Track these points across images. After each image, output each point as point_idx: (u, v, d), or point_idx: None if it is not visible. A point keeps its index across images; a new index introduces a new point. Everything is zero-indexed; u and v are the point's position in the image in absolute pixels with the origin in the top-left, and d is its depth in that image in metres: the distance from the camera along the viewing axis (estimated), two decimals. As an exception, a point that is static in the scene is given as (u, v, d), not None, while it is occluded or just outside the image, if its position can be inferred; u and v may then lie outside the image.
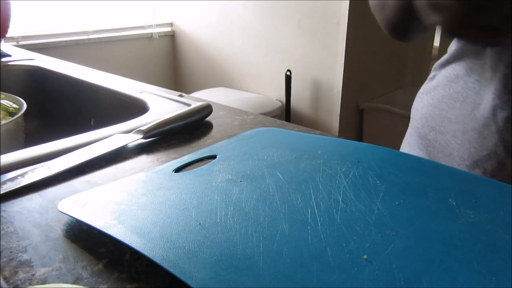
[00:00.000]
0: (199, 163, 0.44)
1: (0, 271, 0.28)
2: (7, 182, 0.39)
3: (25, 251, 0.30)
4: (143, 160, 0.47)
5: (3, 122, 0.58)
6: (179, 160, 0.44)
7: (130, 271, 0.29)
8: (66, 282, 0.27)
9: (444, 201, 0.34)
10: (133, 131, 0.51)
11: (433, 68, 0.59)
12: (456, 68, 0.53)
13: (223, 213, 0.32)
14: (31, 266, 0.29)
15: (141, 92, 0.72)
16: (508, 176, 0.47)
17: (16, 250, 0.30)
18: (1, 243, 0.31)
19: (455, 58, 0.53)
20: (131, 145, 0.50)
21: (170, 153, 0.49)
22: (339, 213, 0.32)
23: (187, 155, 0.45)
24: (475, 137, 0.49)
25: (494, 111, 0.47)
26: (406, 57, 2.36)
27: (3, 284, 0.26)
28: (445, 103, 0.53)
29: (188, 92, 0.93)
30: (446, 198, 0.35)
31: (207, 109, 0.59)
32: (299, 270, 0.26)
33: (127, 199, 0.35)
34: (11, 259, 0.29)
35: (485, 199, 0.35)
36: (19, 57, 1.00)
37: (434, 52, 2.45)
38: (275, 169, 0.40)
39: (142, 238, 0.29)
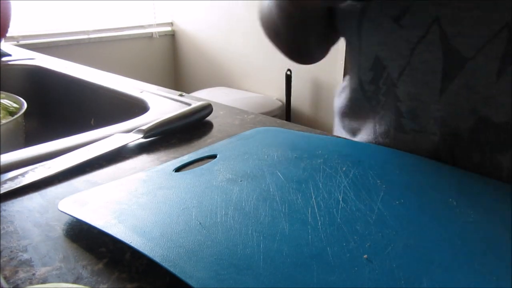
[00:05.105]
0: (199, 163, 0.44)
1: (0, 270, 0.28)
2: (7, 182, 0.39)
3: (26, 250, 0.30)
4: (143, 159, 0.47)
5: (3, 121, 0.58)
6: (180, 159, 0.44)
7: (130, 270, 0.29)
8: (66, 281, 0.27)
9: (444, 201, 0.34)
10: (134, 131, 0.51)
11: None
12: None
13: (223, 212, 0.32)
14: (32, 266, 0.29)
15: (141, 92, 0.72)
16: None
17: (17, 250, 0.30)
18: (1, 242, 0.31)
19: None
20: (131, 144, 0.50)
21: (171, 152, 0.49)
22: (339, 212, 0.32)
23: (187, 155, 0.45)
24: None
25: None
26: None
27: (3, 283, 0.26)
28: None
29: (188, 92, 0.93)
30: (446, 198, 0.35)
31: (207, 108, 0.59)
32: (299, 270, 0.26)
33: (127, 199, 0.35)
34: (12, 259, 0.29)
35: (485, 199, 0.35)
36: (19, 56, 1.00)
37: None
38: (275, 169, 0.40)
39: (142, 238, 0.29)
